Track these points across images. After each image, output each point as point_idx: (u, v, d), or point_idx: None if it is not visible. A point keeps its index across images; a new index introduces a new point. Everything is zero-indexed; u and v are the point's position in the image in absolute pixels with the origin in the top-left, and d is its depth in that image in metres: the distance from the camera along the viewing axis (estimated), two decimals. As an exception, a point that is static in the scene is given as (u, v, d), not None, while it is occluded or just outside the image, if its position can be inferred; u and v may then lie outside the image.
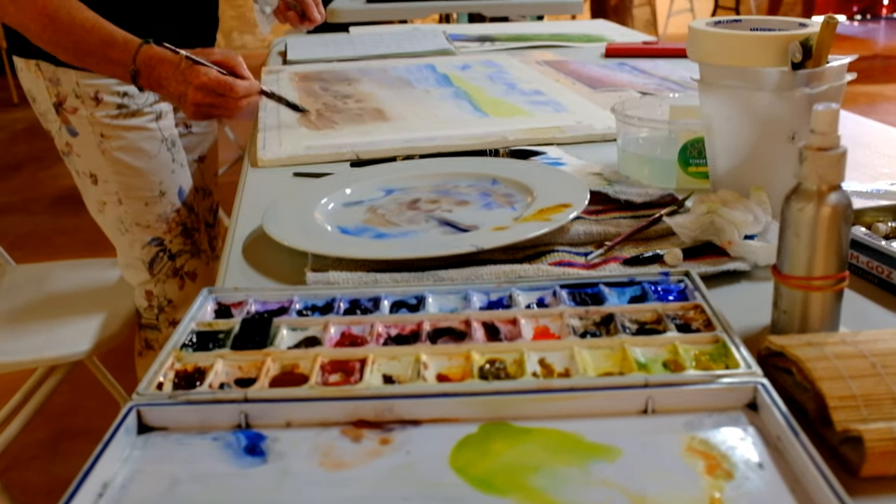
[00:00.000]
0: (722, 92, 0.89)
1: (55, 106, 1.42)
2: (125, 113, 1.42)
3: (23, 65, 1.43)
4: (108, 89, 1.39)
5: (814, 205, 0.61)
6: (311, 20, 1.67)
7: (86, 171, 1.45)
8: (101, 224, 1.51)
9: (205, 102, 1.20)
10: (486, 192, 0.97)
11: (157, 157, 1.45)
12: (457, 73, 1.68)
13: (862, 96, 5.37)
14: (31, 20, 1.22)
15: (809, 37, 0.84)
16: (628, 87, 1.50)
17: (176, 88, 1.21)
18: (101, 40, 1.22)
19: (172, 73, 1.20)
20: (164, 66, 1.21)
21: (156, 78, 1.21)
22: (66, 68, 1.37)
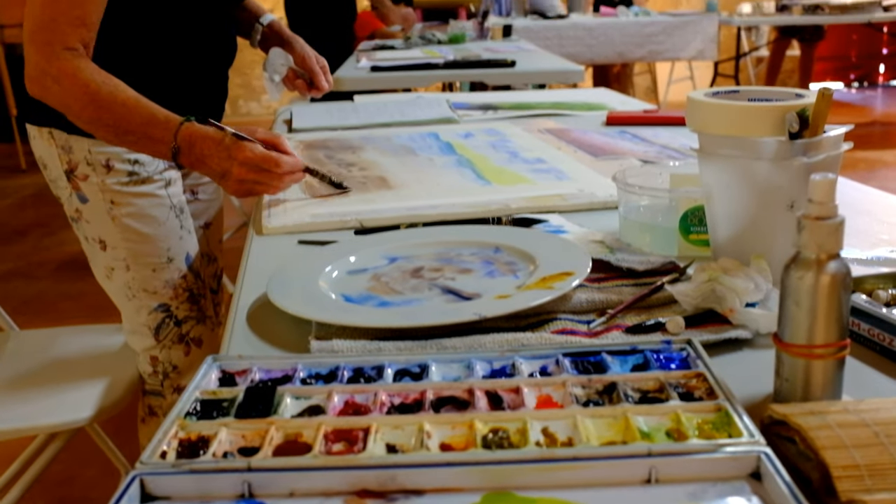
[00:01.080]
0: (721, 161, 0.90)
1: (66, 173, 1.44)
2: (135, 180, 1.44)
3: (35, 132, 1.45)
4: (119, 157, 1.42)
5: (813, 273, 0.62)
6: (318, 88, 1.69)
7: (95, 238, 1.47)
8: (108, 290, 1.52)
9: (249, 178, 1.21)
10: (488, 261, 0.98)
11: (166, 223, 1.47)
12: (460, 141, 1.70)
13: (861, 162, 5.41)
14: (74, 99, 1.25)
15: (806, 107, 0.85)
16: (629, 155, 1.52)
17: (219, 165, 1.22)
18: (143, 118, 1.25)
19: (215, 150, 1.22)
20: (206, 143, 1.22)
21: (197, 155, 1.23)
22: (79, 136, 1.39)
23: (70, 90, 1.24)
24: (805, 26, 6.69)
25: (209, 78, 1.53)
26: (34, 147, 1.48)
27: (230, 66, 1.59)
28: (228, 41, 1.57)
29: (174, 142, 1.23)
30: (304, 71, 1.68)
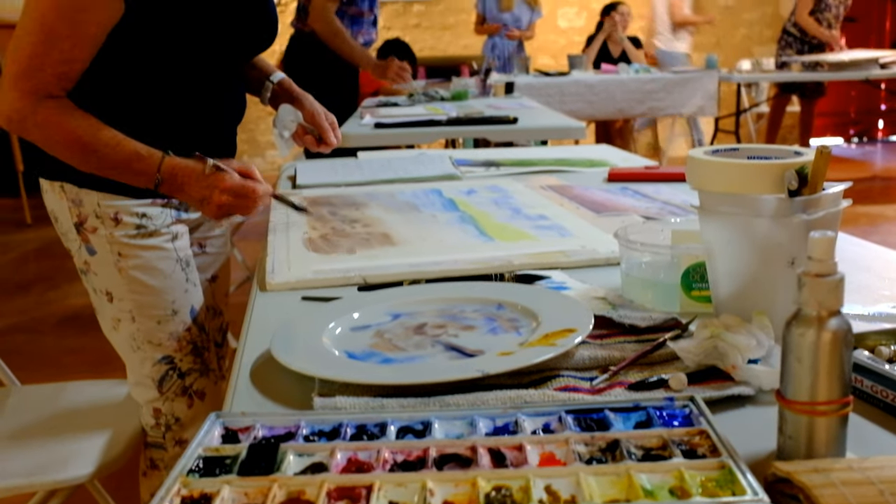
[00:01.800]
0: (721, 218, 0.91)
1: (76, 226, 1.47)
2: (143, 233, 1.47)
3: (47, 186, 1.49)
4: (127, 210, 1.45)
5: (814, 330, 0.62)
6: (327, 144, 1.71)
7: (102, 290, 1.49)
8: (113, 342, 1.53)
9: (228, 203, 1.33)
10: (491, 317, 0.98)
11: (172, 276, 1.49)
12: (463, 197, 1.72)
13: (863, 217, 5.43)
14: (59, 144, 1.33)
15: (804, 165, 0.87)
16: (631, 212, 1.53)
17: (199, 192, 1.34)
18: (126, 156, 1.33)
19: (195, 179, 1.34)
20: (187, 173, 1.34)
21: (178, 184, 1.34)
22: (89, 190, 1.44)
23: (55, 136, 1.32)
24: (805, 83, 6.76)
25: (219, 134, 1.55)
26: (46, 200, 1.52)
27: (239, 122, 1.61)
28: (238, 98, 1.60)
29: (157, 174, 1.34)
30: (313, 127, 1.69)
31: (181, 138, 1.44)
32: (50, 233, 1.53)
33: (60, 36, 1.30)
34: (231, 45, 1.51)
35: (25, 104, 1.30)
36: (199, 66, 1.46)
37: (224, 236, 1.72)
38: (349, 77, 3.86)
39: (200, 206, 1.36)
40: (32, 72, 1.30)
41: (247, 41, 1.55)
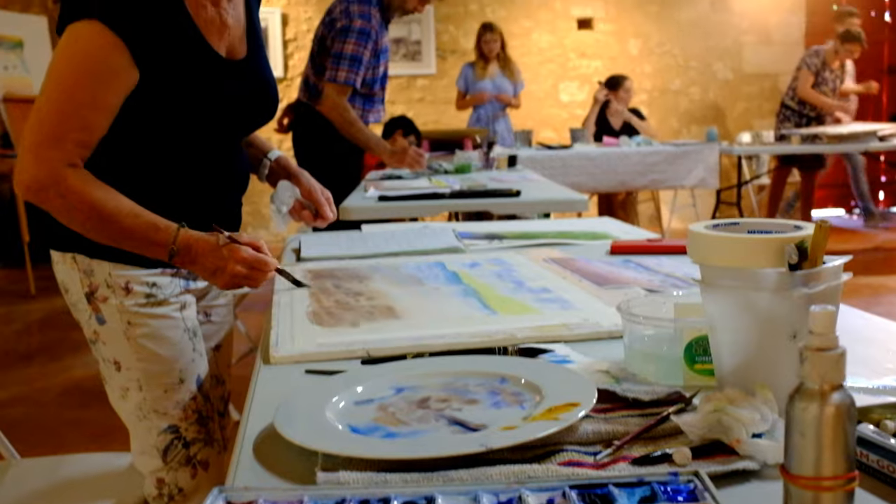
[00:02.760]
0: (723, 292, 0.92)
1: (87, 295, 1.49)
2: (152, 302, 1.50)
3: (59, 257, 1.51)
4: (138, 279, 1.48)
5: (817, 405, 0.62)
6: (323, 218, 1.75)
7: (110, 359, 1.51)
8: (120, 411, 1.55)
9: (241, 274, 1.41)
10: (495, 391, 0.98)
11: (180, 345, 1.52)
12: (466, 270, 1.73)
13: (865, 288, 5.43)
14: (79, 213, 1.36)
15: (804, 239, 0.88)
16: (633, 284, 1.54)
17: (213, 264, 1.40)
18: (145, 227, 1.38)
19: (210, 251, 1.40)
20: (201, 245, 1.40)
21: (192, 256, 1.40)
22: (101, 260, 1.47)
23: (76, 206, 1.35)
24: (804, 155, 6.84)
25: (223, 205, 1.60)
26: (57, 272, 1.54)
27: (243, 193, 1.65)
28: (241, 170, 1.64)
29: (173, 246, 1.39)
30: (309, 202, 1.73)
31: (185, 209, 1.48)
32: (54, 304, 1.56)
33: (81, 104, 1.35)
34: (233, 118, 1.56)
35: (47, 173, 1.33)
36: (201, 137, 1.51)
37: (228, 305, 1.75)
38: (354, 150, 3.91)
39: (213, 276, 1.42)
40: (54, 140, 1.34)
41: (248, 114, 1.60)
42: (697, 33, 8.55)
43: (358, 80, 3.70)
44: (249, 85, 1.58)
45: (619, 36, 8.51)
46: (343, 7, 3.72)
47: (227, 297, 1.75)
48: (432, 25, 8.25)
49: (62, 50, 1.37)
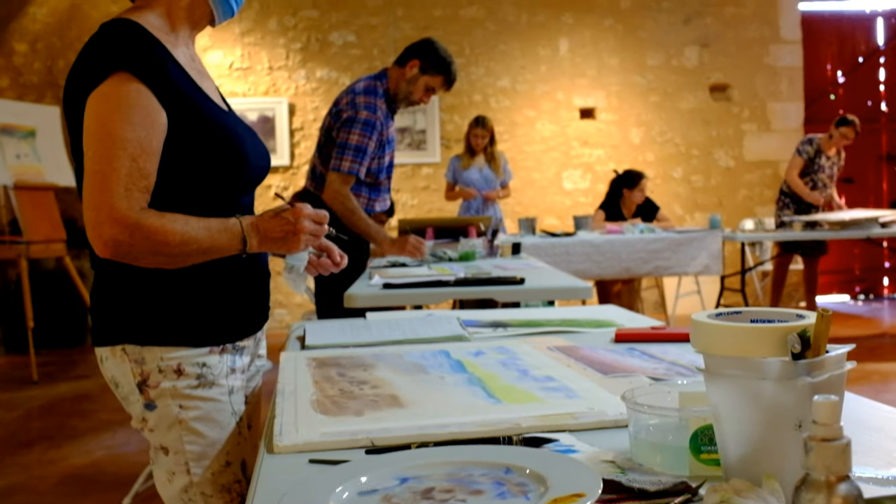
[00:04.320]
0: (727, 381, 0.92)
1: (139, 385, 1.55)
2: (203, 383, 1.57)
3: (108, 353, 1.57)
4: (189, 360, 1.55)
5: (823, 496, 0.62)
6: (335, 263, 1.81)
7: (157, 445, 1.57)
8: (165, 496, 1.59)
9: (310, 229, 1.56)
10: (499, 481, 0.98)
11: (227, 428, 1.59)
12: (470, 359, 1.73)
13: (874, 374, 5.40)
14: (164, 244, 1.44)
15: (807, 328, 0.88)
16: (638, 372, 1.53)
17: (283, 229, 1.55)
18: (215, 231, 1.50)
19: (275, 220, 1.55)
20: (264, 220, 1.55)
21: (262, 232, 1.53)
22: (151, 346, 1.54)
23: (163, 240, 1.44)
24: (806, 242, 6.88)
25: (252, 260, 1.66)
26: (105, 369, 1.60)
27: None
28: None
29: (243, 233, 1.52)
30: (320, 252, 1.80)
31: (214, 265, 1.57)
32: (55, 391, 1.58)
33: (136, 153, 1.43)
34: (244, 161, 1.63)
35: (129, 224, 1.40)
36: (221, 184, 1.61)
37: (259, 385, 1.81)
38: (360, 238, 3.94)
39: (288, 242, 1.55)
40: (124, 192, 1.41)
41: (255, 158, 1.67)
42: (698, 122, 8.70)
43: (362, 170, 3.74)
44: (247, 131, 1.68)
45: (622, 125, 8.65)
46: (349, 98, 3.78)
47: (258, 378, 1.81)
48: (437, 115, 8.40)
49: (99, 109, 1.45)
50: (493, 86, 8.50)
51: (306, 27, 8.30)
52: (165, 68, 1.52)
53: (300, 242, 1.55)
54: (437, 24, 8.34)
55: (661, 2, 8.65)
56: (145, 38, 1.52)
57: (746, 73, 8.73)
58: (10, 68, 7.89)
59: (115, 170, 1.42)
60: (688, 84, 8.68)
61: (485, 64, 8.47)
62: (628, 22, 8.61)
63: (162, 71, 1.50)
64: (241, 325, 1.69)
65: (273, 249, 1.58)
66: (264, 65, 8.27)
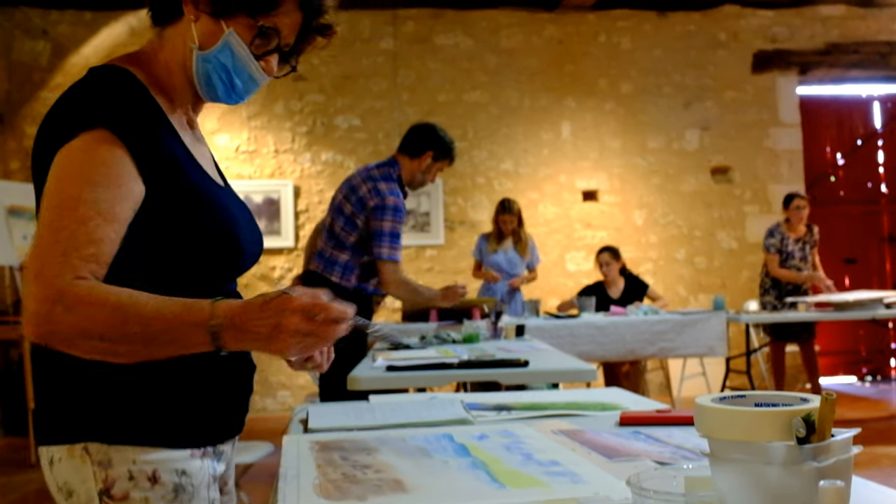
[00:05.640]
0: (732, 465, 0.91)
1: (101, 494, 1.30)
2: (181, 497, 1.34)
3: (62, 453, 1.32)
4: (167, 466, 1.32)
5: (832, 585, 0.61)
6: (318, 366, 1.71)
7: None
8: None
9: (303, 328, 1.16)
10: (504, 568, 0.96)
11: None
12: (474, 443, 1.71)
13: (884, 458, 5.32)
14: (94, 320, 1.17)
15: (811, 412, 0.88)
16: (643, 456, 1.52)
17: (266, 324, 1.16)
18: (176, 312, 1.19)
19: (259, 312, 1.17)
20: (248, 309, 1.18)
21: (239, 325, 1.17)
22: (122, 446, 1.30)
23: (87, 312, 1.17)
24: (793, 328, 6.91)
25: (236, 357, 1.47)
26: (55, 475, 1.34)
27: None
28: None
29: (211, 319, 1.17)
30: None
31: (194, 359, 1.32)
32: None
33: (87, 216, 1.22)
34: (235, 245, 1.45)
35: (49, 291, 1.16)
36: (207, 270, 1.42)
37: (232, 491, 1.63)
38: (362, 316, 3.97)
39: (271, 342, 1.17)
40: (59, 257, 1.19)
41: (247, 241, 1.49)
42: (700, 204, 8.77)
43: (401, 254, 3.96)
44: (242, 210, 1.51)
45: (624, 207, 8.72)
46: (371, 186, 3.96)
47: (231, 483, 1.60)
48: (441, 198, 8.48)
49: (59, 167, 1.26)
50: (497, 168, 8.60)
51: (312, 111, 8.44)
52: (156, 131, 1.34)
53: (287, 346, 1.17)
54: (441, 108, 8.48)
55: (661, 86, 8.80)
56: (136, 92, 1.36)
57: (747, 155, 8.84)
58: (20, 150, 8.00)
59: (56, 230, 1.20)
60: (689, 166, 8.78)
61: (488, 147, 8.59)
62: (629, 106, 8.76)
63: (150, 134, 1.32)
64: (226, 422, 1.48)
65: (254, 349, 1.22)
66: (270, 148, 8.38)
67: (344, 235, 3.95)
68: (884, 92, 9.29)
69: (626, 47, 8.79)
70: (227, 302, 1.20)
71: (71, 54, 8.13)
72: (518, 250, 6.83)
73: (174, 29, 1.47)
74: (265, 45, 1.45)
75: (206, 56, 1.43)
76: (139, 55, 1.48)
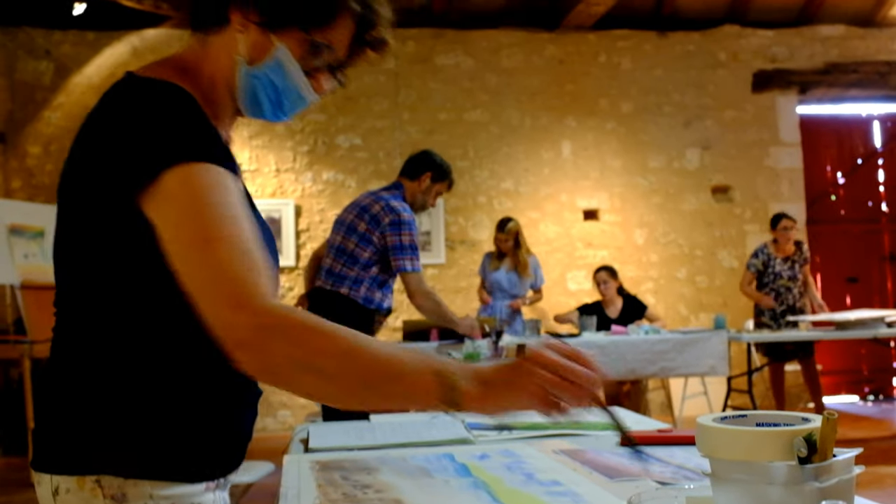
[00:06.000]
0: (733, 486, 0.91)
1: None
2: None
3: (71, 485, 1.21)
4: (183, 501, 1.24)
5: None
6: None
7: None
8: None
9: (552, 381, 1.07)
10: (505, 589, 0.96)
11: None
12: (475, 462, 1.71)
13: (887, 478, 5.30)
14: (321, 354, 1.08)
15: (812, 432, 0.88)
16: (644, 477, 1.52)
17: (515, 379, 1.06)
18: (404, 353, 1.09)
19: (506, 366, 1.08)
20: (489, 365, 1.09)
21: (484, 379, 1.08)
22: (138, 480, 1.21)
23: (305, 339, 1.08)
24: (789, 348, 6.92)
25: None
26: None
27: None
28: None
29: (449, 367, 1.07)
30: None
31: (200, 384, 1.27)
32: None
33: (242, 236, 1.13)
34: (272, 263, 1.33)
35: (262, 320, 1.07)
36: None
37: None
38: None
39: (518, 397, 1.08)
40: (252, 279, 1.10)
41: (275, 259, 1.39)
42: (701, 223, 8.77)
43: (420, 264, 4.11)
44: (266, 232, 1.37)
45: (625, 226, 8.72)
46: (383, 204, 4.12)
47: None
48: (442, 217, 8.48)
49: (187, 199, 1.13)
50: (497, 188, 8.61)
51: (313, 130, 8.46)
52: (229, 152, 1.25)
53: (538, 399, 1.08)
54: (442, 127, 8.50)
55: (661, 106, 8.83)
56: (200, 114, 1.23)
57: (747, 174, 8.85)
58: (22, 170, 8.03)
59: (230, 253, 1.10)
60: (690, 186, 8.79)
61: (489, 166, 8.60)
62: (630, 125, 8.78)
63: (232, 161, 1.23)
64: (239, 453, 1.39)
65: (496, 403, 1.10)
66: (272, 167, 8.40)
67: (359, 252, 4.09)
68: (883, 111, 9.33)
69: (626, 67, 8.83)
70: (456, 361, 1.10)
71: (73, 74, 8.17)
72: (518, 271, 6.85)
73: (218, 37, 1.33)
74: (317, 62, 1.33)
75: (254, 72, 1.31)
76: (185, 65, 1.33)
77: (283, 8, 1.29)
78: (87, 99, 8.10)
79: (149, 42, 8.21)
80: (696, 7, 8.77)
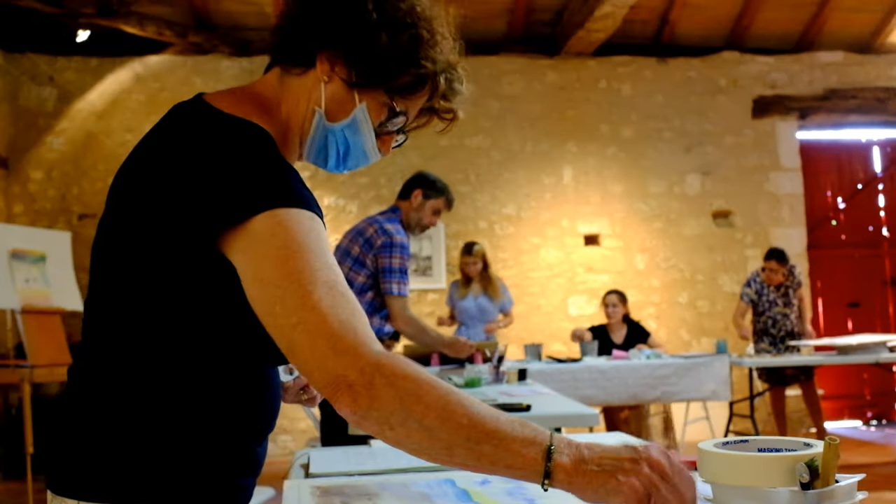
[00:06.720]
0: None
1: None
2: None
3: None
4: None
5: None
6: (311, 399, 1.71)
7: None
8: None
9: (651, 482, 0.97)
10: None
11: None
12: (476, 488, 1.70)
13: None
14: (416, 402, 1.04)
15: (814, 457, 0.88)
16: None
17: (619, 467, 1.00)
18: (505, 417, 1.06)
19: (613, 450, 1.02)
20: (597, 444, 1.04)
21: (587, 460, 1.01)
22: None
23: (410, 388, 1.04)
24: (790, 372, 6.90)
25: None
26: None
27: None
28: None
29: (551, 440, 1.03)
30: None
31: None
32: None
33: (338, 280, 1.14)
34: None
35: (367, 362, 1.05)
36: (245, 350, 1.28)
37: None
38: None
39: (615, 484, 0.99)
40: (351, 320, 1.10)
41: None
42: (702, 248, 8.77)
43: (408, 289, 4.06)
44: None
45: (626, 251, 8.73)
46: (377, 227, 4.11)
47: None
48: (443, 242, 8.49)
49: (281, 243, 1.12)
50: (498, 213, 8.62)
51: (315, 156, 8.48)
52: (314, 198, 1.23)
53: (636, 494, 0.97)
54: (444, 153, 8.53)
55: (662, 131, 8.85)
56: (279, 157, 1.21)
57: (748, 199, 8.86)
58: (24, 195, 8.04)
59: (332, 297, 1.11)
60: (690, 211, 8.80)
61: (490, 192, 8.62)
62: (631, 150, 8.80)
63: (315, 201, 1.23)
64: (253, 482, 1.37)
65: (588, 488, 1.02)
66: (273, 192, 8.41)
67: (353, 276, 4.08)
68: (883, 136, 9.35)
69: (626, 93, 8.86)
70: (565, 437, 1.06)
71: (76, 100, 8.20)
72: (489, 294, 6.74)
73: (299, 80, 1.31)
74: (390, 126, 1.34)
75: (332, 127, 1.31)
76: (264, 102, 1.30)
77: (376, 72, 1.28)
78: (89, 125, 8.15)
79: (151, 68, 8.26)
80: (696, 34, 8.82)
